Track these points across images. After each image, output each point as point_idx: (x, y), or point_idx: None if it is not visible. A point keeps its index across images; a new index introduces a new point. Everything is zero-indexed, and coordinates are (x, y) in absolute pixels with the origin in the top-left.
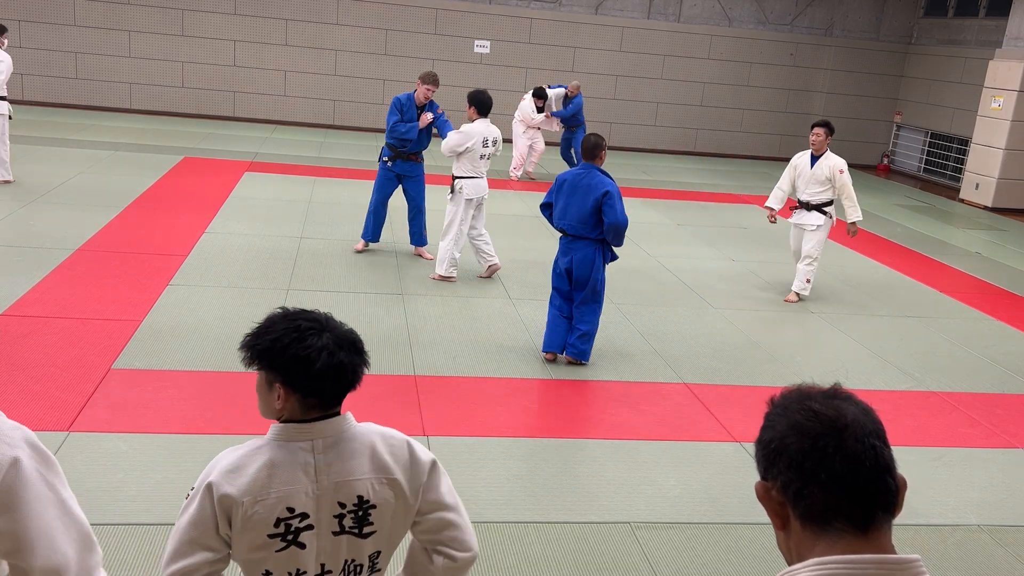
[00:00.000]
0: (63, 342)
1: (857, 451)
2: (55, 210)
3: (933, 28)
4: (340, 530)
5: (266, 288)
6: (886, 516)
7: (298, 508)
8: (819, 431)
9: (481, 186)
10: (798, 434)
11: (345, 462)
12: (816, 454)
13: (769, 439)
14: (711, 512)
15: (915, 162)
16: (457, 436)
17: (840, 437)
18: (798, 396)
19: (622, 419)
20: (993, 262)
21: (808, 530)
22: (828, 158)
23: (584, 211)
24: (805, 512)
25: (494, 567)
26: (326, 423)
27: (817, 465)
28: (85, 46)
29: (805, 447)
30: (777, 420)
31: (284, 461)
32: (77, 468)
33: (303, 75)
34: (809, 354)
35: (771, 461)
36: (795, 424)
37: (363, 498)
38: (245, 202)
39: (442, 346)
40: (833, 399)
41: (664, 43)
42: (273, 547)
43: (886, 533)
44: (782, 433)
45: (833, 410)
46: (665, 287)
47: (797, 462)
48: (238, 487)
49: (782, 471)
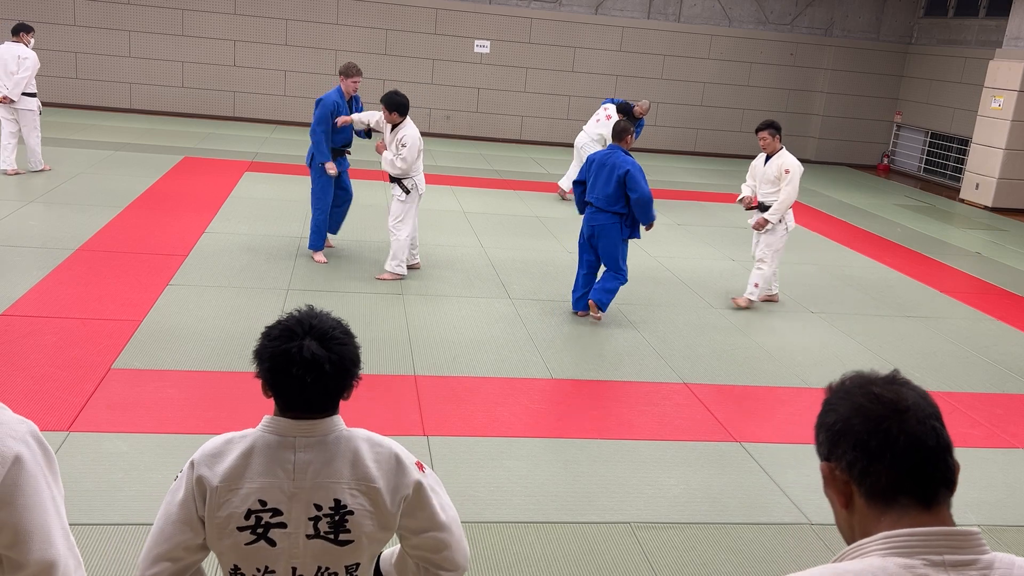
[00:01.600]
0: (63, 342)
1: (919, 431)
2: (55, 210)
3: (933, 28)
4: (315, 534)
5: (266, 288)
6: (947, 492)
7: (270, 502)
8: (882, 413)
9: (423, 181)
10: (862, 416)
11: (325, 464)
12: (880, 434)
13: (833, 421)
14: (711, 512)
15: (915, 162)
16: (457, 436)
17: (902, 418)
18: (859, 381)
19: (622, 419)
20: (993, 262)
21: (873, 507)
22: (780, 157)
23: (609, 187)
24: (870, 490)
25: (494, 567)
26: (312, 422)
27: (882, 444)
28: (85, 46)
29: (870, 428)
30: (839, 404)
31: (264, 454)
32: (77, 468)
33: (303, 75)
34: (809, 354)
35: (835, 442)
36: (858, 407)
37: (340, 502)
38: (245, 202)
39: (442, 346)
40: (892, 384)
41: (664, 43)
42: (242, 539)
43: (947, 508)
44: (846, 415)
45: (894, 393)
46: (665, 287)
47: (862, 442)
48: (215, 472)
49: (847, 451)
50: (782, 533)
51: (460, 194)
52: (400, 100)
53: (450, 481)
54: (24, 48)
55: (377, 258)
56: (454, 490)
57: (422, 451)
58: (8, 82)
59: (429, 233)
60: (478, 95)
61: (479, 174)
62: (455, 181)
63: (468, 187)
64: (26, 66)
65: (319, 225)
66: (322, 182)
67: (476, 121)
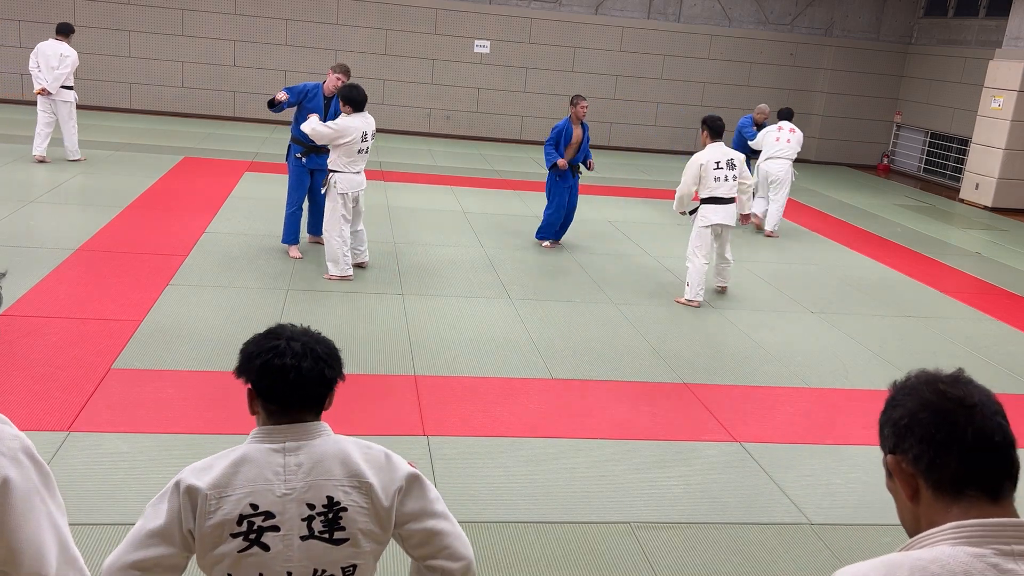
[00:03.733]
0: (63, 342)
1: (987, 426)
2: (55, 210)
3: (933, 28)
4: (309, 534)
5: (266, 288)
6: (1011, 486)
7: (262, 506)
8: (950, 407)
9: (356, 181)
10: (930, 410)
11: (316, 464)
12: (948, 427)
13: (900, 416)
14: (711, 512)
15: (915, 162)
16: (457, 436)
17: (970, 413)
18: (926, 379)
19: (622, 419)
20: (993, 262)
21: (941, 499)
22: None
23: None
24: (938, 482)
25: (494, 567)
26: (299, 426)
27: (950, 437)
28: (85, 46)
29: (938, 421)
30: (905, 399)
31: (253, 460)
32: (77, 468)
33: (303, 75)
34: (809, 354)
35: (902, 436)
36: (926, 402)
37: (333, 499)
38: (245, 202)
39: (442, 346)
40: (958, 381)
41: (664, 43)
42: (235, 547)
43: (1012, 501)
44: (912, 410)
45: (960, 390)
46: (665, 287)
47: (930, 435)
48: (204, 480)
49: (913, 444)
50: (782, 533)
51: (460, 194)
52: (348, 94)
53: (450, 481)
54: (66, 46)
55: (376, 259)
56: (454, 490)
57: (422, 451)
58: (49, 76)
59: (430, 233)
60: (478, 95)
61: (479, 174)
62: (455, 181)
63: (468, 187)
64: (66, 63)
65: (290, 219)
66: (297, 174)
67: (476, 121)
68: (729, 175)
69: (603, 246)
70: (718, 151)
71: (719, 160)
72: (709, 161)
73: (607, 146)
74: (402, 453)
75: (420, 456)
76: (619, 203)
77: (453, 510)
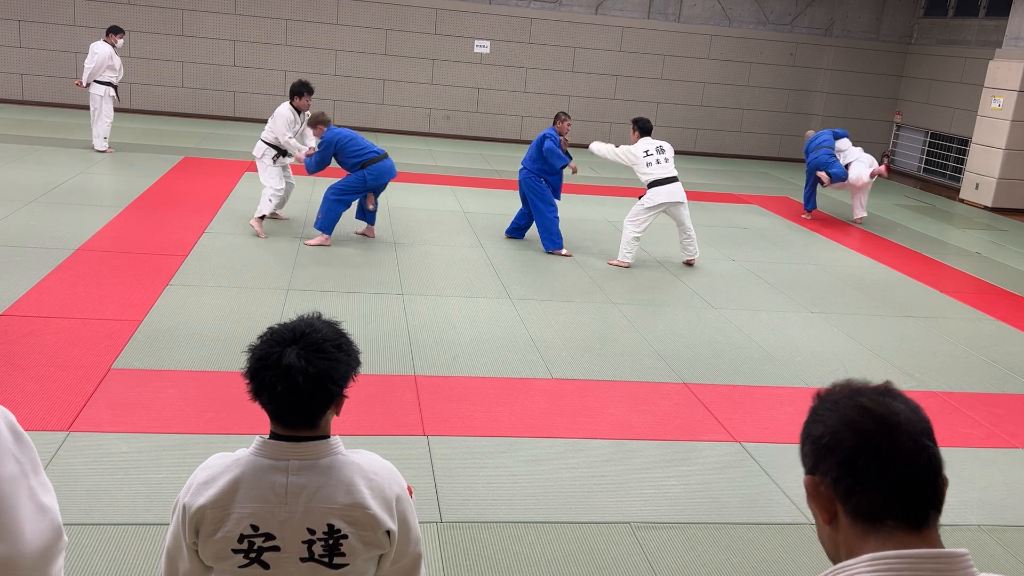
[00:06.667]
0: (63, 342)
1: (911, 451)
2: (55, 210)
3: (933, 28)
4: (308, 556)
5: (266, 288)
6: (936, 514)
7: (262, 527)
8: (872, 428)
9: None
10: (851, 431)
11: (319, 488)
12: (869, 452)
13: (820, 434)
14: (711, 512)
15: (915, 162)
16: (457, 436)
17: (893, 436)
18: (849, 392)
19: (622, 419)
20: (993, 262)
21: (859, 527)
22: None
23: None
24: (856, 509)
25: (494, 567)
26: (306, 445)
27: (870, 464)
28: (86, 46)
29: (859, 444)
30: (827, 415)
31: (254, 479)
32: (77, 468)
33: (303, 75)
34: (809, 354)
35: (821, 456)
36: (848, 421)
37: (333, 527)
38: (245, 202)
39: (442, 346)
40: (883, 396)
41: (664, 43)
42: (236, 562)
43: (935, 530)
44: (833, 429)
45: (884, 407)
46: (665, 287)
47: (850, 459)
48: (206, 497)
49: (832, 467)
50: (782, 533)
51: (460, 194)
52: (294, 85)
53: (450, 481)
54: (100, 43)
55: (376, 259)
56: (454, 490)
57: (422, 451)
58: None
59: (430, 233)
60: (478, 95)
61: (479, 174)
62: (455, 181)
63: (468, 187)
64: (92, 59)
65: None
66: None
67: (476, 121)
68: (661, 159)
69: (603, 246)
70: (647, 142)
71: (648, 149)
72: (639, 150)
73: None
74: (402, 453)
75: (420, 456)
76: (619, 203)
77: (453, 510)
